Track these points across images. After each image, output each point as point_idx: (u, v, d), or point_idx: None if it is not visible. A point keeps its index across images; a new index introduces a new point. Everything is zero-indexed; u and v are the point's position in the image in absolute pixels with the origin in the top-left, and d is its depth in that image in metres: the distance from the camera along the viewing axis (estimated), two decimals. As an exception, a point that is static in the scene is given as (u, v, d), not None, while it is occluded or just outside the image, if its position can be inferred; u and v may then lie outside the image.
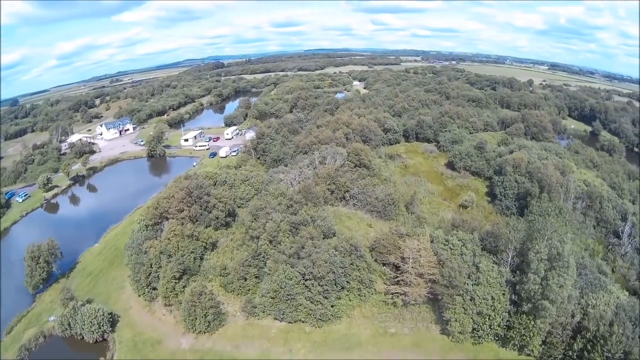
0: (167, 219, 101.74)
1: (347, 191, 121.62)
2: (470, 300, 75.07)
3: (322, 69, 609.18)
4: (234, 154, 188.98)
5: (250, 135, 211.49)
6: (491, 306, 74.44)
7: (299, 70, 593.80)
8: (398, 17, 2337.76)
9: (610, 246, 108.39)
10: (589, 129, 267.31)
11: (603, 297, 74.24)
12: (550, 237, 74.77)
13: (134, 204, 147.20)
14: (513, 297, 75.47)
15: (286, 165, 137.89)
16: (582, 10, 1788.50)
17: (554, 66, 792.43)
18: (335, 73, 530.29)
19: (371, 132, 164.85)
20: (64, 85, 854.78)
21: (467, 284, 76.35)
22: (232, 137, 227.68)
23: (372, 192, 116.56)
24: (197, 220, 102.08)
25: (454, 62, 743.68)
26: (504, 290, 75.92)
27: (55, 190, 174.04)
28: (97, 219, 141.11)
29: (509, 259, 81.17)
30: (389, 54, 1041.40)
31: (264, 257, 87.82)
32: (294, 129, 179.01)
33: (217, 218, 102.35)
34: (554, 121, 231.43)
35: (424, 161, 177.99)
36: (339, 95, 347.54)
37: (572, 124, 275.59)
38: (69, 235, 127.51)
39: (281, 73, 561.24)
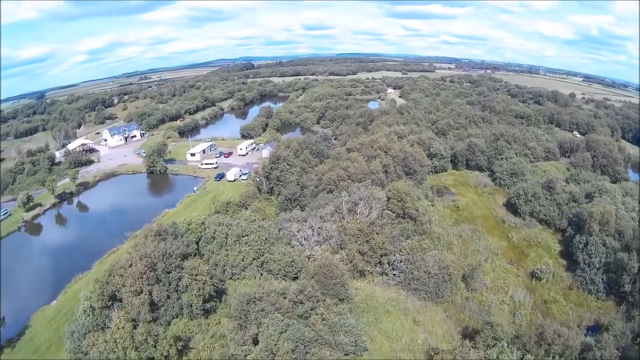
0: (121, 300, 69.25)
1: (385, 254, 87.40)
2: None
3: (354, 74, 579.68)
4: (244, 177, 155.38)
5: (267, 152, 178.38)
6: None
7: (329, 75, 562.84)
8: (427, 23, 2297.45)
9: None
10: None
11: None
12: None
13: (113, 240, 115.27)
14: None
15: (303, 209, 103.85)
16: (612, 20, 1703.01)
17: (587, 78, 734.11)
18: (367, 79, 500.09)
19: (416, 161, 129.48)
20: (92, 80, 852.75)
21: None
22: (247, 153, 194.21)
23: (420, 262, 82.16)
24: (162, 305, 69.32)
25: (489, 71, 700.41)
26: None
27: (37, 210, 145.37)
28: (69, 257, 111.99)
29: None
30: (421, 60, 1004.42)
31: (250, 393, 54.05)
32: (319, 150, 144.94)
33: (191, 305, 68.86)
34: (619, 148, 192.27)
35: (478, 199, 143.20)
36: (372, 105, 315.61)
37: (629, 149, 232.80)
38: (32, 279, 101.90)
39: (311, 77, 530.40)
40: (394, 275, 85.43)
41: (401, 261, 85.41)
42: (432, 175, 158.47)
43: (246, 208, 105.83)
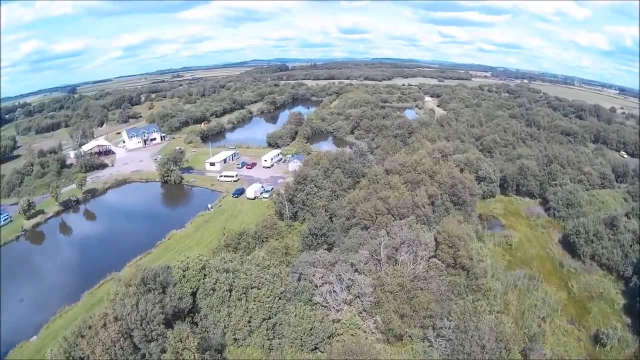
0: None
1: (430, 316, 68.39)
2: None
3: (389, 80, 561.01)
4: (267, 194, 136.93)
5: (294, 165, 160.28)
6: None
7: (364, 79, 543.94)
8: (464, 30, 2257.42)
9: None
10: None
11: None
12: None
13: (111, 264, 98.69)
14: None
15: (331, 247, 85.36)
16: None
17: (622, 90, 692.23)
18: (403, 85, 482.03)
19: (466, 189, 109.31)
20: (126, 76, 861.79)
21: None
22: (272, 165, 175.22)
23: (474, 332, 62.97)
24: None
25: (525, 81, 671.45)
26: None
27: (39, 219, 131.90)
28: (60, 279, 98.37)
29: None
30: (456, 67, 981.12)
31: None
32: (353, 169, 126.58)
33: (174, 390, 51.14)
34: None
35: (531, 234, 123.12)
36: (408, 113, 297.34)
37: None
38: (17, 305, 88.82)
39: (346, 81, 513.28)
40: (439, 345, 66.28)
41: (449, 328, 66.24)
42: (479, 201, 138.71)
43: (263, 241, 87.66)
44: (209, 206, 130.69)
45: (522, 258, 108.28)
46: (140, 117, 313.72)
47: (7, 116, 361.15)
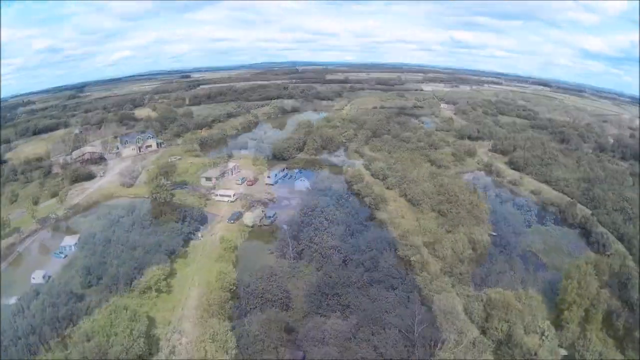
0: None
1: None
2: None
3: (401, 84, 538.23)
4: (269, 221, 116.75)
5: (301, 184, 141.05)
6: None
7: (376, 84, 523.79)
8: (475, 36, 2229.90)
9: None
10: None
11: None
12: None
13: (72, 312, 79.03)
14: None
15: (345, 309, 65.58)
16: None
17: (632, 99, 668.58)
18: (416, 90, 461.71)
19: (509, 227, 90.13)
20: (135, 76, 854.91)
21: None
22: (276, 182, 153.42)
23: None
24: None
25: (539, 88, 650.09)
26: None
27: (14, 238, 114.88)
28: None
29: None
30: (468, 72, 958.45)
31: None
32: (374, 197, 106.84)
33: None
34: None
35: (576, 275, 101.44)
36: (425, 121, 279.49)
37: None
38: None
39: (357, 85, 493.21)
40: None
41: None
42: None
43: (257, 296, 67.14)
44: (199, 235, 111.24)
45: (570, 315, 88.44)
46: (141, 119, 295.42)
47: (8, 114, 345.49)
